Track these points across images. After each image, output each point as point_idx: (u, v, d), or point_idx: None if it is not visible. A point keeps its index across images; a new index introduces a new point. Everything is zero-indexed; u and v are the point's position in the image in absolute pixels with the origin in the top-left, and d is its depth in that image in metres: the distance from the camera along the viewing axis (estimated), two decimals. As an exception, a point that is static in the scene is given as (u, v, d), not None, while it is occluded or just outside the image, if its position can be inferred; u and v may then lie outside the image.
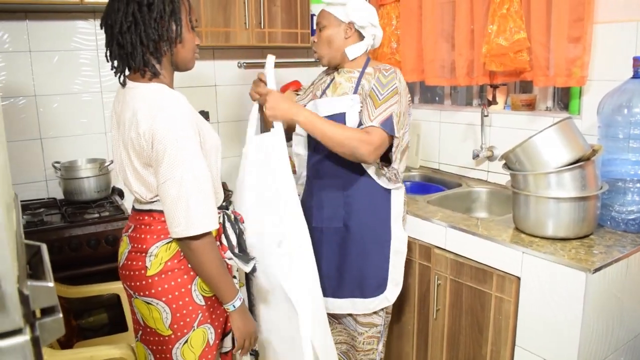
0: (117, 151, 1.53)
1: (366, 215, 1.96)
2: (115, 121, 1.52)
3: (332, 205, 1.99)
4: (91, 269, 2.27)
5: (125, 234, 1.58)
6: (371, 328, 2.04)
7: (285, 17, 2.91)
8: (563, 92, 2.41)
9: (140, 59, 1.42)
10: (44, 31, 2.60)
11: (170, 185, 1.37)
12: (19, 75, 2.57)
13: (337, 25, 1.93)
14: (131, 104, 1.42)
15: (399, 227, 1.99)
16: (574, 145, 1.74)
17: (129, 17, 1.39)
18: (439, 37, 2.66)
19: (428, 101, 3.14)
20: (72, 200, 2.57)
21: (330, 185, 1.99)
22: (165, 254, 1.48)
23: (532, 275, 1.69)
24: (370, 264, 1.97)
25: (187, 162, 1.37)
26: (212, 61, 3.10)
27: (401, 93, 1.86)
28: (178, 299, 1.48)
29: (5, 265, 0.62)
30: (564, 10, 2.08)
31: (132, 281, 1.51)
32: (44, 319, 0.70)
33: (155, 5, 1.40)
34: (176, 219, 1.38)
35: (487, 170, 2.58)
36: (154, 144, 1.36)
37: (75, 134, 2.73)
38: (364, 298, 1.99)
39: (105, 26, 1.45)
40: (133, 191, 1.50)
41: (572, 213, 1.72)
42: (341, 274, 2.00)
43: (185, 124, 1.39)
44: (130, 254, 1.52)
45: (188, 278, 1.50)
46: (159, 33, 1.42)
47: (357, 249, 1.96)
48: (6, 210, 0.66)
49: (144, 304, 1.50)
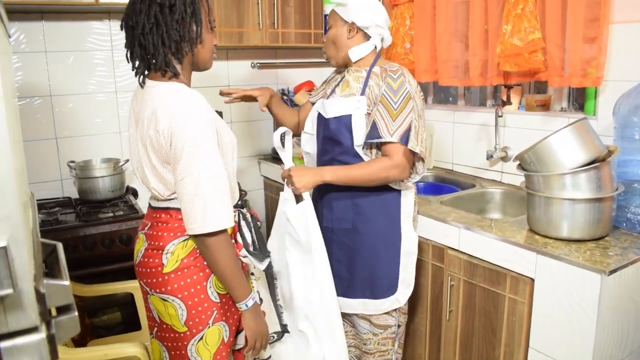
0: (135, 149, 1.55)
1: (375, 217, 1.95)
2: (134, 119, 1.54)
3: (340, 207, 1.99)
4: (105, 268, 2.29)
5: (142, 232, 1.60)
6: (386, 329, 2.03)
7: (298, 17, 2.92)
8: (578, 93, 2.39)
9: (162, 60, 1.45)
10: (59, 31, 2.62)
11: (188, 182, 1.39)
12: (34, 75, 2.60)
13: (341, 25, 1.95)
14: (150, 102, 1.44)
15: (409, 227, 1.98)
16: (589, 146, 1.72)
17: (151, 19, 1.41)
18: (452, 37, 2.65)
19: (441, 101, 3.13)
20: (87, 199, 2.59)
21: (339, 186, 1.96)
22: (182, 251, 1.50)
23: (547, 277, 1.68)
24: (380, 265, 1.97)
25: (204, 160, 1.39)
26: (225, 61, 3.11)
27: (414, 96, 1.85)
28: (194, 296, 1.50)
29: (22, 263, 0.63)
30: (580, 10, 2.06)
31: (148, 278, 1.53)
32: (60, 317, 0.71)
33: (176, 6, 1.42)
34: (193, 216, 1.40)
35: (501, 171, 2.57)
36: (172, 142, 1.38)
37: (90, 133, 2.76)
38: (375, 299, 1.99)
39: (126, 27, 1.48)
40: (151, 188, 1.52)
41: (587, 214, 1.70)
42: (352, 275, 2.00)
43: (203, 123, 1.41)
44: (147, 251, 1.54)
45: (204, 275, 1.52)
46: (180, 34, 1.44)
47: (368, 250, 1.96)
48: (23, 209, 0.66)
49: (160, 300, 1.52)
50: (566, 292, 1.62)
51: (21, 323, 0.65)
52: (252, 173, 3.32)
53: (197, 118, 1.40)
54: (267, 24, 2.81)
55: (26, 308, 0.64)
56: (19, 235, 0.63)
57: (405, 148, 1.81)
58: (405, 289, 1.99)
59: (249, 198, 3.22)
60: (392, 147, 1.82)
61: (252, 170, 3.32)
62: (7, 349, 0.65)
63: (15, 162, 0.65)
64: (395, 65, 1.91)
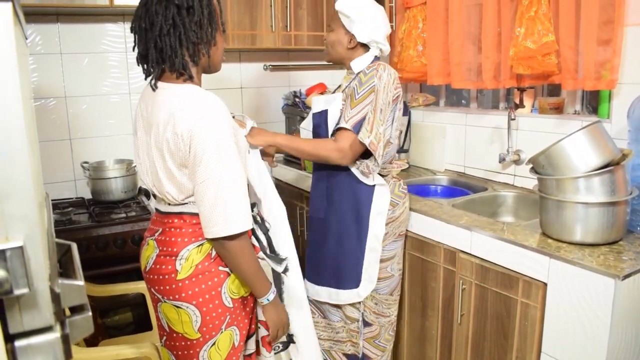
0: (146, 153, 1.52)
1: (345, 209, 2.04)
2: (143, 123, 1.52)
3: (317, 196, 2.12)
4: (117, 268, 2.31)
5: (151, 238, 1.57)
6: (353, 322, 2.11)
7: (311, 20, 2.92)
8: (592, 96, 2.37)
9: (180, 62, 1.44)
10: (74, 33, 2.65)
11: (209, 185, 1.38)
12: (49, 76, 2.63)
13: (342, 33, 2.01)
14: (166, 104, 1.42)
15: (378, 224, 2.02)
16: (603, 149, 1.71)
17: (169, 20, 1.40)
18: (465, 40, 2.64)
19: (454, 104, 3.12)
20: (100, 200, 2.61)
21: (318, 178, 2.12)
22: (197, 256, 1.48)
23: (560, 281, 1.67)
24: (346, 257, 2.05)
25: (225, 162, 1.38)
26: (238, 64, 3.12)
27: (378, 90, 1.90)
28: (208, 302, 1.49)
29: (38, 263, 0.63)
30: (593, 12, 2.04)
31: (161, 285, 1.51)
32: (74, 317, 0.71)
33: (195, 8, 1.42)
34: (214, 219, 1.39)
35: (514, 174, 2.55)
36: (192, 145, 1.37)
37: (104, 134, 2.78)
38: (338, 289, 2.08)
39: (138, 29, 1.45)
40: (165, 192, 1.49)
41: (600, 218, 1.69)
42: (320, 262, 2.11)
43: (224, 125, 1.40)
44: (159, 258, 1.51)
45: (218, 281, 1.50)
46: (198, 36, 1.44)
47: (334, 240, 2.06)
48: (39, 210, 0.67)
49: (173, 307, 1.50)
50: (579, 297, 1.61)
51: (36, 322, 0.66)
52: (264, 175, 3.33)
53: (218, 121, 1.39)
54: (279, 26, 2.82)
55: (41, 308, 0.65)
56: (35, 236, 0.63)
57: (355, 137, 1.88)
58: (368, 285, 2.05)
59: (261, 200, 3.22)
60: (342, 132, 1.91)
61: (264, 172, 3.32)
62: (22, 348, 0.65)
63: (32, 163, 0.66)
64: (378, 64, 1.97)
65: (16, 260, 0.61)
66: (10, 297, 0.62)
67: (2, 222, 0.61)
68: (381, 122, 1.91)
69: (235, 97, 3.13)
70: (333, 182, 2.05)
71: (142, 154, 1.54)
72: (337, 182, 2.04)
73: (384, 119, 1.93)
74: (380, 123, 1.91)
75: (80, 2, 2.31)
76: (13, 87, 0.61)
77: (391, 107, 1.97)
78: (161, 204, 1.57)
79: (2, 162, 0.60)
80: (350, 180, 2.01)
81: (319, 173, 2.12)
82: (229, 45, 2.71)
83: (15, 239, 0.62)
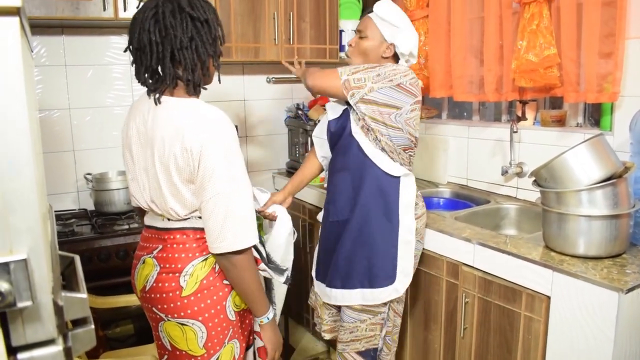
0: (141, 169, 1.48)
1: (373, 206, 1.98)
2: (139, 140, 1.47)
3: (342, 198, 2.04)
4: (119, 280, 2.30)
5: (149, 256, 1.52)
6: (376, 315, 2.03)
7: (314, 33, 2.94)
8: (594, 108, 2.38)
9: (199, 76, 1.42)
10: (79, 46, 2.67)
11: (219, 200, 1.36)
12: (54, 88, 2.65)
13: (379, 40, 1.97)
14: (172, 119, 1.38)
15: (408, 216, 1.98)
16: (605, 162, 1.71)
17: (188, 34, 1.37)
18: (467, 53, 2.65)
19: (456, 116, 3.12)
20: (103, 211, 2.62)
21: (341, 180, 2.04)
22: (201, 272, 1.46)
23: (563, 295, 1.66)
24: (378, 254, 1.98)
25: (235, 177, 1.38)
26: (241, 76, 3.14)
27: (389, 69, 1.88)
28: (214, 317, 1.47)
29: (41, 276, 0.64)
30: (595, 25, 2.05)
31: (164, 303, 1.47)
32: (77, 330, 0.71)
33: (210, 22, 1.41)
34: (223, 234, 1.38)
35: (517, 186, 2.55)
36: (202, 159, 1.34)
37: (107, 146, 2.79)
38: (373, 288, 1.99)
39: (149, 44, 1.38)
40: (167, 209, 1.45)
41: (604, 231, 1.69)
42: (350, 265, 2.01)
43: (233, 139, 1.39)
44: (160, 276, 1.47)
45: (223, 295, 1.49)
46: (213, 50, 1.44)
47: (365, 239, 1.99)
48: (42, 222, 0.67)
49: (177, 325, 1.47)
50: (583, 310, 1.60)
51: (39, 335, 0.66)
52: (267, 187, 3.32)
53: (226, 135, 1.38)
54: (282, 39, 2.84)
55: (44, 320, 0.65)
56: (39, 248, 0.64)
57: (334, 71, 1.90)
58: (404, 278, 1.99)
59: (263, 211, 3.23)
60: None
61: (267, 184, 3.33)
62: (25, 360, 0.65)
63: (37, 175, 0.66)
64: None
65: (20, 273, 0.61)
66: (13, 309, 0.62)
67: (6, 235, 0.61)
68: (372, 80, 1.86)
69: (238, 110, 3.15)
70: (359, 181, 1.98)
71: (138, 170, 1.50)
72: (363, 180, 1.97)
73: (377, 83, 1.86)
74: (371, 80, 1.86)
75: (85, 15, 2.33)
76: (19, 101, 0.61)
77: (392, 86, 1.88)
78: (158, 220, 1.52)
79: (8, 175, 0.61)
80: (376, 175, 1.95)
81: (342, 176, 2.03)
82: (233, 58, 2.73)
83: (19, 251, 0.62)
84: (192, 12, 1.37)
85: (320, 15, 2.94)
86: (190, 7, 1.37)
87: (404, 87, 1.89)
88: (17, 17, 0.61)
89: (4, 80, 0.60)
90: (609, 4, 2.03)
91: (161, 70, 1.41)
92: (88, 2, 2.32)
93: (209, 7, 1.43)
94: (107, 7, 2.35)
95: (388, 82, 1.87)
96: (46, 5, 2.25)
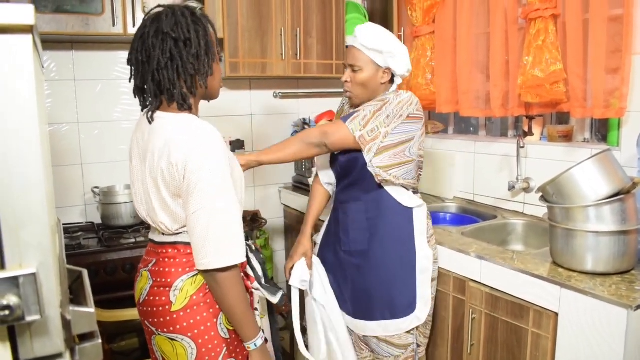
0: (140, 182, 1.50)
1: (390, 235, 1.97)
2: (138, 153, 1.50)
3: (357, 229, 2.01)
4: (125, 294, 2.30)
5: (145, 269, 1.53)
6: (406, 349, 2.01)
7: (320, 48, 2.96)
8: (601, 124, 2.37)
9: (179, 94, 1.42)
10: (88, 61, 2.70)
11: (201, 215, 1.35)
12: (63, 102, 2.67)
13: (373, 69, 1.93)
14: (162, 133, 1.40)
15: (424, 245, 1.98)
16: (613, 177, 1.70)
17: (167, 54, 1.39)
18: (473, 69, 2.66)
19: (462, 132, 3.13)
20: (109, 224, 2.62)
21: (354, 210, 2.01)
22: (191, 287, 1.45)
23: (571, 312, 1.65)
24: (397, 284, 1.96)
25: (219, 192, 1.36)
26: (248, 91, 3.16)
27: (391, 102, 1.88)
28: (204, 334, 1.45)
29: (50, 290, 0.64)
30: (602, 41, 2.06)
31: (155, 317, 1.48)
32: (84, 344, 0.72)
33: (192, 40, 1.40)
34: (205, 250, 1.36)
35: (523, 202, 2.54)
36: (186, 174, 1.35)
37: (114, 160, 2.81)
38: (395, 319, 1.97)
39: (135, 62, 1.44)
40: (158, 222, 1.46)
41: (612, 247, 1.68)
42: (370, 297, 2.00)
43: (219, 154, 1.38)
44: (153, 289, 1.48)
45: (214, 312, 1.47)
46: (196, 68, 1.42)
47: (383, 270, 1.97)
48: (52, 236, 0.68)
49: (168, 340, 1.47)
50: (591, 327, 1.59)
51: (47, 349, 0.66)
52: (273, 201, 3.34)
53: (212, 150, 1.37)
54: (289, 54, 2.86)
55: (52, 334, 0.65)
56: (48, 263, 0.64)
57: (343, 126, 1.87)
58: (424, 307, 1.98)
59: (269, 226, 3.23)
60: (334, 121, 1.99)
61: (273, 198, 3.33)
62: (32, 374, 0.65)
63: (47, 189, 0.67)
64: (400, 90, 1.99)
65: (29, 287, 0.61)
66: (21, 323, 0.62)
67: (16, 249, 0.62)
68: (384, 125, 1.85)
69: (245, 124, 3.16)
70: (374, 212, 1.98)
71: (137, 183, 1.52)
72: (380, 211, 1.97)
73: (390, 125, 1.86)
74: (384, 125, 1.85)
75: (95, 31, 2.36)
76: (32, 117, 0.62)
77: (404, 121, 1.89)
78: (155, 234, 1.54)
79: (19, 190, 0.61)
80: (391, 207, 1.95)
81: (355, 206, 2.02)
82: (240, 73, 2.75)
83: (28, 265, 0.63)
84: (171, 33, 1.38)
85: (326, 31, 2.96)
86: (170, 28, 1.39)
87: (413, 115, 1.91)
88: (30, 35, 0.62)
89: (16, 98, 0.61)
90: (615, 19, 2.04)
91: (146, 88, 1.45)
92: (97, 18, 2.35)
93: (195, 25, 1.43)
94: (116, 23, 2.38)
95: (398, 118, 1.88)
96: (57, 21, 2.28)
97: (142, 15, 2.39)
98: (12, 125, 0.62)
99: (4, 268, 0.62)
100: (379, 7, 3.23)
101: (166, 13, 1.42)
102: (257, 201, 3.26)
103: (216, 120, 2.87)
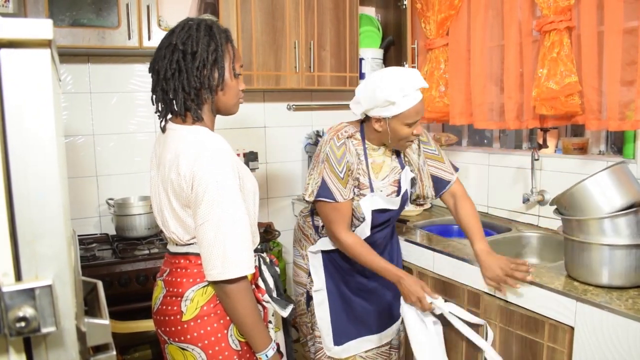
0: (156, 192, 1.53)
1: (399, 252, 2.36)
2: (156, 163, 1.54)
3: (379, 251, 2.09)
4: (139, 305, 2.31)
5: (160, 279, 1.56)
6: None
7: (334, 61, 2.97)
8: (616, 136, 2.35)
9: (182, 105, 1.45)
10: (104, 73, 2.73)
11: (208, 227, 1.37)
12: (79, 115, 2.71)
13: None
14: (172, 145, 1.44)
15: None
16: (628, 190, 1.68)
17: (174, 65, 1.43)
18: (487, 81, 2.66)
19: (476, 144, 3.11)
20: (124, 236, 2.64)
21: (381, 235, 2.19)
22: (202, 298, 1.46)
23: (587, 326, 1.62)
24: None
25: (226, 204, 1.37)
26: (262, 103, 3.17)
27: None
28: (214, 345, 1.46)
29: (65, 302, 0.64)
30: (617, 53, 2.05)
31: (167, 326, 1.49)
32: (99, 356, 0.72)
33: (198, 54, 1.42)
34: (212, 262, 1.38)
35: (538, 214, 2.52)
36: (194, 185, 1.37)
37: (129, 172, 2.83)
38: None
39: (152, 71, 1.50)
40: (170, 232, 1.49)
41: (628, 260, 1.65)
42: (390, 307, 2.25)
43: (226, 167, 1.39)
44: (165, 299, 1.50)
45: (224, 323, 1.48)
46: (200, 81, 1.44)
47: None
48: (67, 248, 0.68)
49: (179, 349, 1.48)
50: (608, 342, 1.56)
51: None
52: (286, 213, 3.34)
53: (220, 162, 1.39)
54: (303, 67, 2.87)
55: (67, 346, 0.66)
56: (64, 274, 0.65)
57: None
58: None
59: (282, 238, 3.22)
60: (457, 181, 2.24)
61: (286, 210, 3.34)
62: (47, 386, 0.66)
63: (63, 201, 0.67)
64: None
65: (45, 299, 0.62)
66: (37, 335, 0.63)
67: (33, 261, 0.62)
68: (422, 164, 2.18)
69: (259, 136, 3.17)
70: (391, 233, 2.27)
71: (154, 193, 1.55)
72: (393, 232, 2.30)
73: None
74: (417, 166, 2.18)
75: (111, 44, 2.39)
76: (49, 130, 0.63)
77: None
78: (170, 244, 1.57)
79: (36, 203, 0.62)
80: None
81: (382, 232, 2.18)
82: (254, 86, 2.76)
83: (44, 277, 0.63)
84: (180, 45, 1.43)
85: (340, 44, 2.98)
86: (181, 40, 1.43)
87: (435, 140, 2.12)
88: (49, 49, 0.63)
89: (35, 111, 0.62)
90: (630, 32, 2.03)
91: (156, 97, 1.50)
92: (113, 32, 2.38)
93: (208, 38, 1.45)
94: (132, 37, 2.41)
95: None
96: (73, 34, 2.31)
97: (158, 28, 2.44)
98: (29, 138, 0.62)
99: (20, 280, 0.63)
100: (392, 20, 3.24)
101: (182, 25, 1.46)
102: (270, 213, 3.26)
103: (230, 133, 2.89)
